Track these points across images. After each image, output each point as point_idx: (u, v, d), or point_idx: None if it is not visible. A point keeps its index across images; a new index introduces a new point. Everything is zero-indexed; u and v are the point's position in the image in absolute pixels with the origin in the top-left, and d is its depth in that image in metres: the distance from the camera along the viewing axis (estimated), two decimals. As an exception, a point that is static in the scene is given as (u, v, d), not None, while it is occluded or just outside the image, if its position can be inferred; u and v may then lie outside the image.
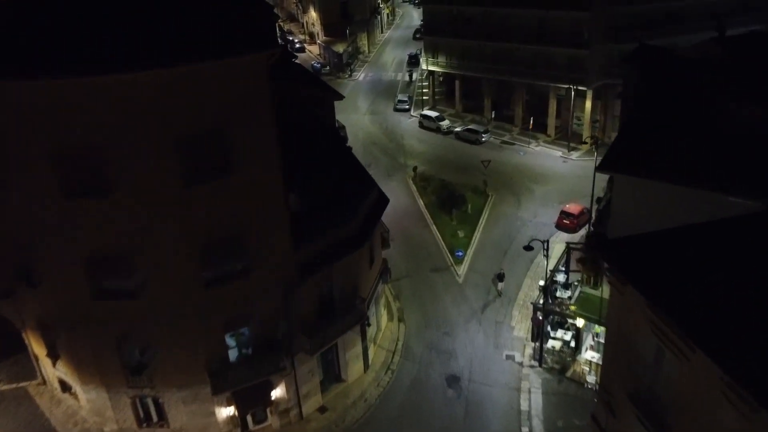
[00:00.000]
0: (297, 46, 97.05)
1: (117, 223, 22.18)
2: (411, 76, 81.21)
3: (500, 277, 37.72)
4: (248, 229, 23.85)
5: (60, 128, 20.45)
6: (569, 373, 31.66)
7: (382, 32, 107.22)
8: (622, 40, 56.35)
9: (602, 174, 31.30)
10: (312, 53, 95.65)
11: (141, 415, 27.26)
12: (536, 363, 32.31)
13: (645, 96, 31.82)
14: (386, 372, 31.88)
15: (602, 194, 48.16)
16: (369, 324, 30.71)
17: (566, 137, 60.00)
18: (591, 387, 29.86)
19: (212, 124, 21.63)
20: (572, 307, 31.78)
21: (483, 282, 39.28)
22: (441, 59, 68.64)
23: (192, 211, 22.49)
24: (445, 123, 64.97)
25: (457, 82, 68.55)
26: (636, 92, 33.47)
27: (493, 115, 65.81)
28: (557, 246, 40.10)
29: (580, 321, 31.45)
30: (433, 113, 66.61)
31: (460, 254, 41.43)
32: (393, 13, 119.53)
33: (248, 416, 27.28)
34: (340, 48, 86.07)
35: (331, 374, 30.28)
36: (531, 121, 60.18)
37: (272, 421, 27.90)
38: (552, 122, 62.34)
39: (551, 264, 34.58)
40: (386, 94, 77.21)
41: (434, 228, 45.99)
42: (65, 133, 20.58)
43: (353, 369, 30.83)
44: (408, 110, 71.19)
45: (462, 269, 40.73)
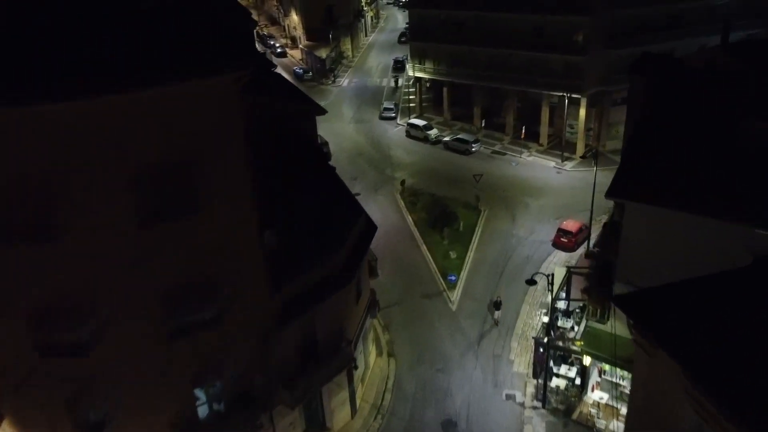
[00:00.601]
0: (278, 51, 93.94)
1: (65, 270, 19.11)
2: (397, 82, 78.46)
3: (497, 306, 35.03)
4: (218, 273, 20.89)
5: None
6: (575, 415, 29.01)
7: (366, 36, 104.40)
8: (620, 46, 54.17)
9: (601, 187, 28.73)
10: (294, 58, 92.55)
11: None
12: (539, 404, 29.65)
13: (653, 109, 29.33)
14: (376, 417, 29.03)
15: (603, 210, 45.75)
16: (356, 367, 27.85)
17: (560, 146, 57.61)
18: (600, 432, 27.35)
19: (173, 157, 18.65)
20: (578, 343, 29.17)
21: (478, 309, 36.56)
22: (428, 65, 65.92)
23: (151, 255, 19.48)
24: (433, 132, 62.29)
25: (446, 89, 65.87)
26: (642, 105, 30.94)
27: (483, 124, 63.19)
28: (556, 268, 37.44)
29: (587, 358, 28.86)
30: (421, 122, 63.90)
31: (453, 279, 38.68)
32: (377, 16, 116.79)
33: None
34: (323, 53, 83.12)
35: (315, 423, 27.36)
36: (523, 130, 57.66)
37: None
38: (545, 131, 59.90)
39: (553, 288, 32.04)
40: (371, 102, 74.39)
41: (424, 248, 43.21)
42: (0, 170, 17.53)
43: (339, 416, 27.96)
44: (394, 118, 68.44)
45: (455, 295, 37.99)
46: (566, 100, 54.64)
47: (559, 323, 32.31)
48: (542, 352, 29.72)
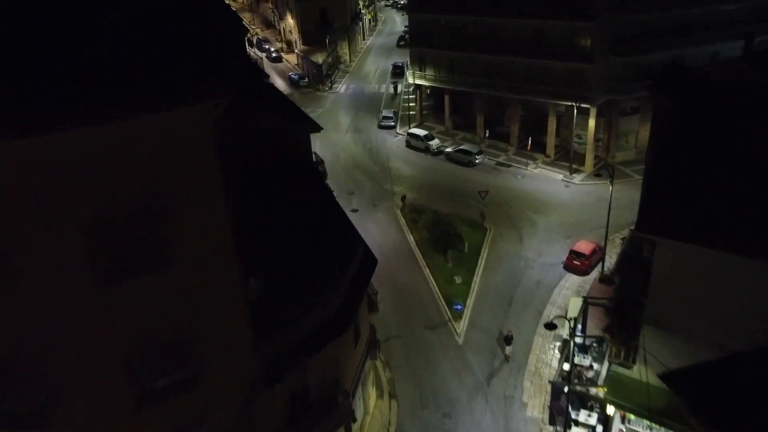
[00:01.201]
0: (273, 56, 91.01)
1: (9, 333, 16.21)
2: (396, 89, 75.56)
3: (507, 341, 32.15)
4: (193, 330, 17.99)
5: None
6: (598, 469, 26.22)
7: (364, 39, 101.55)
8: (628, 53, 51.41)
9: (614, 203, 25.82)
10: (290, 63, 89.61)
11: None
12: (557, 455, 26.87)
13: (680, 128, 26.52)
14: (376, 472, 26.20)
15: (616, 227, 43.03)
16: (355, 419, 24.96)
17: (567, 157, 54.77)
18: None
19: (136, 202, 15.74)
20: (601, 389, 26.29)
21: (487, 342, 33.69)
22: (429, 72, 63.03)
23: (112, 314, 16.58)
24: (435, 142, 59.41)
25: (447, 97, 62.99)
26: (668, 124, 28.11)
27: (487, 134, 60.30)
28: (571, 299, 34.57)
29: (611, 407, 26.02)
30: (422, 132, 60.98)
31: (459, 308, 35.77)
32: (375, 19, 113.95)
33: None
34: (320, 58, 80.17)
35: (309, 482, 24.43)
36: (529, 142, 54.78)
37: None
38: (551, 141, 57.06)
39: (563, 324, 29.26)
40: (369, 109, 71.49)
41: (427, 271, 40.31)
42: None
43: (336, 473, 25.04)
44: (393, 127, 65.53)
45: (461, 326, 35.08)
46: (575, 110, 51.80)
47: (576, 359, 29.50)
48: (560, 400, 26.86)
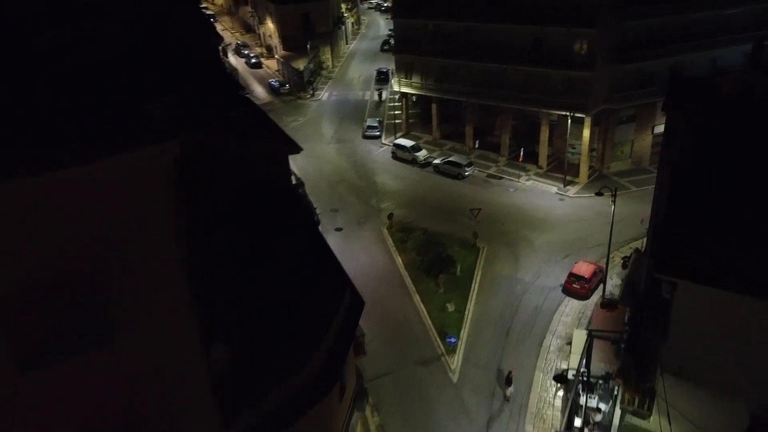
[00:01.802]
0: (253, 61, 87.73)
1: None
2: (381, 96, 72.77)
3: (508, 381, 29.49)
4: (144, 413, 15.03)
5: None
6: None
7: (347, 43, 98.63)
8: (627, 60, 49.16)
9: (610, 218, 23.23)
10: (269, 69, 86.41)
11: None
12: None
13: (700, 152, 24.05)
14: None
15: (615, 244, 40.68)
16: (340, 487, 22.09)
17: (561, 168, 52.38)
18: None
19: (68, 267, 12.79)
20: (614, 443, 23.76)
21: (484, 380, 31.02)
22: (415, 80, 60.31)
23: (42, 402, 13.60)
24: (422, 154, 56.67)
25: (435, 105, 60.31)
26: (685, 144, 25.63)
27: (477, 144, 57.72)
28: (575, 332, 32.05)
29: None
30: (408, 142, 58.21)
31: (453, 341, 33.05)
32: (358, 22, 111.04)
33: None
34: (301, 64, 77.15)
35: None
36: (521, 153, 52.26)
37: None
38: (544, 151, 54.65)
39: (572, 357, 26.74)
40: (353, 117, 68.59)
41: (417, 298, 37.56)
42: None
43: None
44: (379, 137, 62.73)
45: (456, 361, 32.38)
46: (569, 120, 49.37)
47: (581, 399, 26.98)
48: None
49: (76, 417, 14.12)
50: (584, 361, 28.34)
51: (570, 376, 24.29)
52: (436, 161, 55.28)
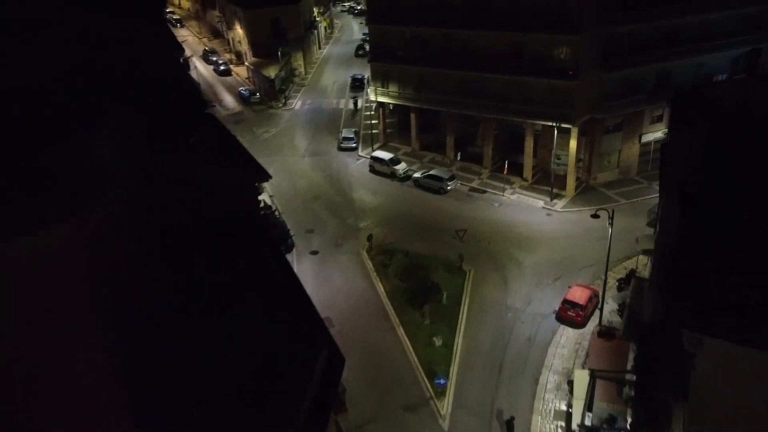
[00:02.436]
0: (222, 69, 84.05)
1: None
2: (356, 104, 69.78)
3: (510, 427, 26.81)
4: None
5: None
6: None
7: (320, 48, 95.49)
8: (613, 68, 46.95)
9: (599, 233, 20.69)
10: (239, 76, 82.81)
11: None
12: None
13: (706, 173, 21.60)
14: None
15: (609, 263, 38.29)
16: None
17: (546, 181, 50.04)
18: None
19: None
20: None
21: (477, 427, 28.31)
22: (392, 89, 57.48)
23: None
24: (401, 167, 53.84)
25: (413, 115, 57.53)
26: (691, 166, 23.18)
27: (458, 156, 55.08)
28: (576, 373, 29.48)
29: None
30: (387, 155, 55.27)
31: (442, 383, 30.26)
32: (331, 26, 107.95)
33: None
34: (272, 72, 73.80)
35: None
36: (506, 165, 49.73)
37: None
38: (529, 163, 52.24)
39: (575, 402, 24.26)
40: (328, 128, 65.46)
41: (401, 331, 34.72)
42: None
43: None
44: (355, 149, 59.75)
45: (446, 405, 29.62)
46: (555, 130, 46.99)
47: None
48: None
49: None
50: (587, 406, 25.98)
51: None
52: (417, 175, 52.54)
